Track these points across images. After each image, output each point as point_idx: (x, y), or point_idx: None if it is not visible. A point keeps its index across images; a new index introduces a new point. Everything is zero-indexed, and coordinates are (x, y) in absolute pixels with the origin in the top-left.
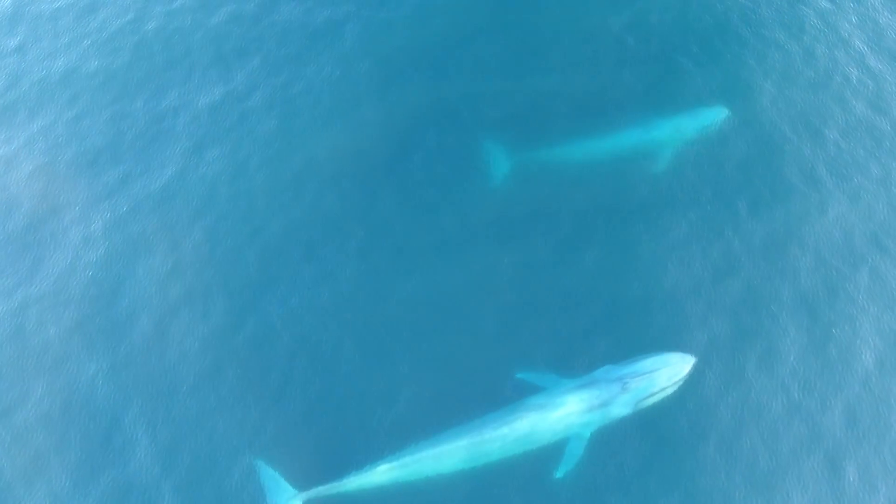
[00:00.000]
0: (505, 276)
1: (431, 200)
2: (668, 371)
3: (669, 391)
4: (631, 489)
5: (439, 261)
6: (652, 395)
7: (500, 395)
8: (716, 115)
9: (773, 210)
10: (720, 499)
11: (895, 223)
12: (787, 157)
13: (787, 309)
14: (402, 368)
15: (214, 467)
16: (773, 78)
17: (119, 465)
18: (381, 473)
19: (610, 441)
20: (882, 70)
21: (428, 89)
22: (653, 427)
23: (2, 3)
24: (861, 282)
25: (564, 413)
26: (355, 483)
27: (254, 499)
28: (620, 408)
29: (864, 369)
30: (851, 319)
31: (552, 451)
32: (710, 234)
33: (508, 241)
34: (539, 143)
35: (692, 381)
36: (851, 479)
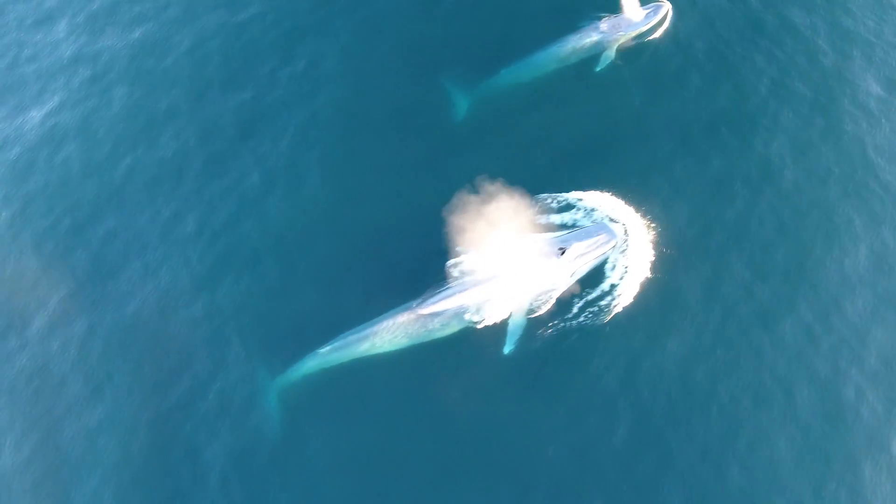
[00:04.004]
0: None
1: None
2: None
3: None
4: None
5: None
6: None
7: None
8: (657, 10)
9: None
10: None
11: None
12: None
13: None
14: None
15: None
16: None
17: None
18: (326, 355)
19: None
20: None
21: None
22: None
23: None
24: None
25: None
26: (310, 365)
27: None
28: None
29: None
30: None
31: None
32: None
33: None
34: (491, 72)
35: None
36: None
